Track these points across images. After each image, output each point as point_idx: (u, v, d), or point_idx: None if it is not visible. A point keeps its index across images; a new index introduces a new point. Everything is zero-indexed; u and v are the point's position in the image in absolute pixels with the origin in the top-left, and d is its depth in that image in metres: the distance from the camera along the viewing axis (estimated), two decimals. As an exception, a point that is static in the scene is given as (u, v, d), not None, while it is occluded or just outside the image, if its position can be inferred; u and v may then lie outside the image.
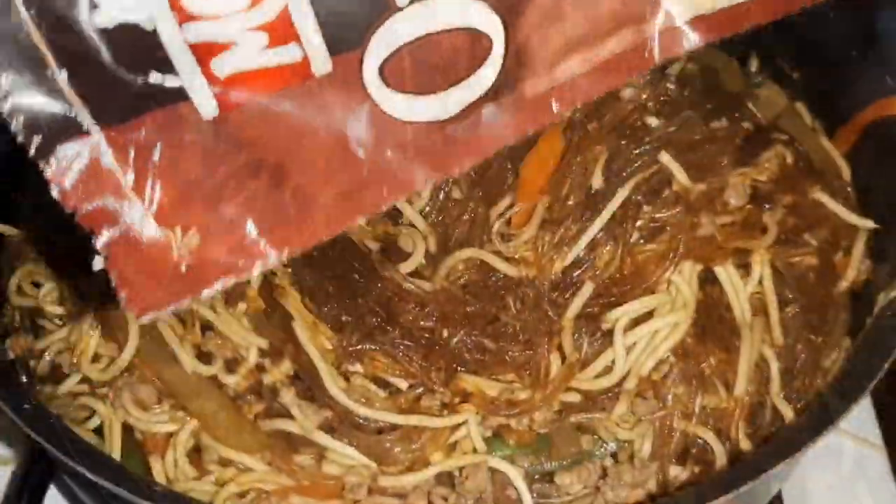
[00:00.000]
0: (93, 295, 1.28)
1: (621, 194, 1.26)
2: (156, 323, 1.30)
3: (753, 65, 1.62)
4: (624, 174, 1.29)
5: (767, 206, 1.31)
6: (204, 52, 0.79)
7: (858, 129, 1.44)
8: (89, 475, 1.08)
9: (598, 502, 1.20)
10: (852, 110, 1.45)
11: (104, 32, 0.75)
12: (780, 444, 1.09)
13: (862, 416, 1.57)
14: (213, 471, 1.24)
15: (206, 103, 0.81)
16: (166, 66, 0.78)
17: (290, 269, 1.32)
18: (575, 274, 1.26)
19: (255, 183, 0.84)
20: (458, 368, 1.23)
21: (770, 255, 1.28)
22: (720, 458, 1.21)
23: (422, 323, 1.25)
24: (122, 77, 0.77)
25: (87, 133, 0.78)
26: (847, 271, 1.34)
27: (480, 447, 1.22)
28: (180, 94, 0.80)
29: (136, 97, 0.79)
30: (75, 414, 1.31)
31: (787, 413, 1.23)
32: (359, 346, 1.24)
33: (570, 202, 1.29)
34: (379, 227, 1.34)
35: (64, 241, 1.24)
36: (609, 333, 1.23)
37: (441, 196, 1.35)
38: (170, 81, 0.79)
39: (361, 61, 0.83)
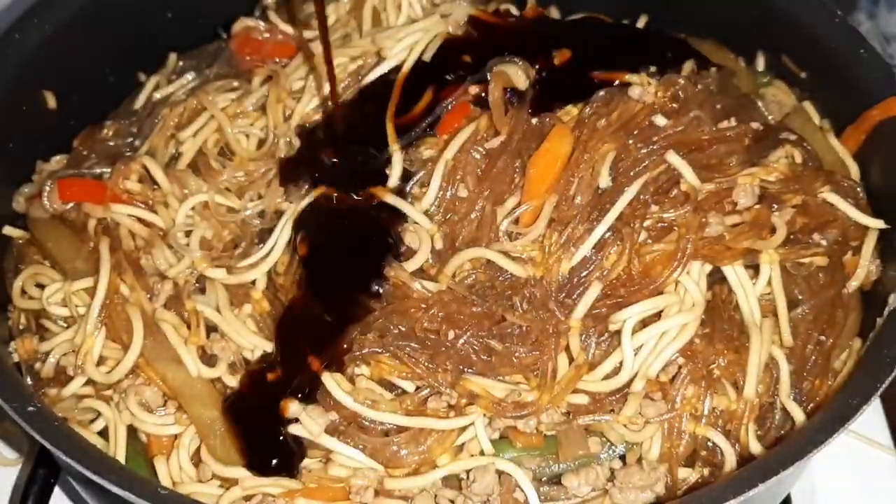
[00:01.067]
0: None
1: (629, 194, 1.25)
2: (160, 325, 1.30)
3: (760, 64, 1.62)
4: (632, 173, 1.28)
5: (776, 206, 1.29)
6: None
7: (867, 128, 1.43)
8: (95, 478, 1.07)
9: (606, 505, 1.20)
10: (860, 109, 1.44)
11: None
12: (791, 446, 1.08)
13: (871, 418, 1.56)
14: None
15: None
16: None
17: (294, 269, 1.31)
18: (582, 274, 1.26)
19: None
20: (465, 370, 1.23)
21: (779, 255, 1.26)
22: (729, 461, 1.20)
23: (426, 324, 1.24)
24: None
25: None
26: (857, 271, 1.33)
27: (488, 449, 1.21)
28: None
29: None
30: (80, 416, 1.31)
31: (798, 415, 1.22)
32: (365, 350, 1.23)
33: (578, 201, 1.28)
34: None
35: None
36: (617, 334, 1.22)
37: (447, 194, 1.34)
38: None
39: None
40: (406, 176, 1.38)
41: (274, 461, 1.20)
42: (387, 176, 1.37)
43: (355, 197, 1.36)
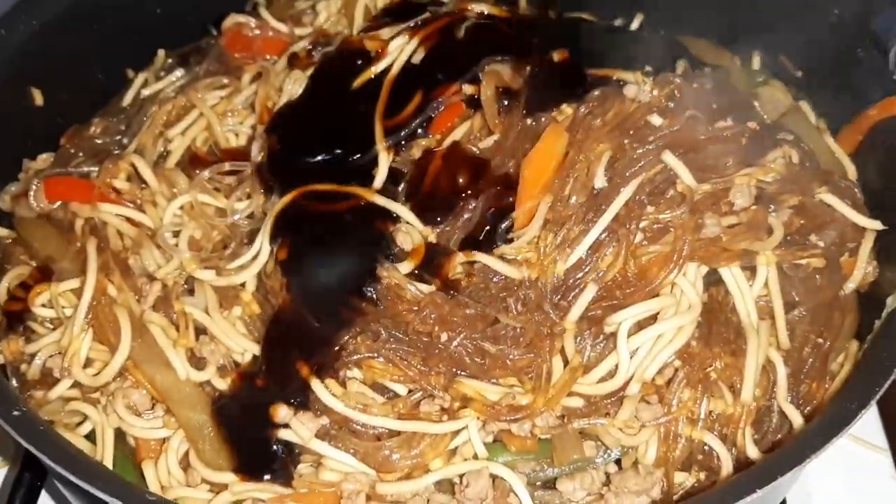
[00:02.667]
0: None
1: (625, 194, 1.23)
2: (148, 326, 1.28)
3: (756, 63, 1.60)
4: (627, 174, 1.26)
5: (773, 206, 1.28)
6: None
7: (864, 128, 1.42)
8: (82, 484, 1.05)
9: (602, 509, 1.18)
10: (857, 109, 1.43)
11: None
12: (790, 451, 1.07)
13: (867, 420, 1.53)
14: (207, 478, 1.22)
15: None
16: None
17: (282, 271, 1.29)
18: (577, 276, 1.24)
19: None
20: (458, 373, 1.21)
21: (776, 256, 1.25)
22: (726, 465, 1.18)
23: (418, 326, 1.22)
24: None
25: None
26: (854, 273, 1.31)
27: (481, 453, 1.19)
28: None
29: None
30: (67, 419, 1.28)
31: (796, 419, 1.20)
32: (356, 356, 1.21)
33: (573, 202, 1.26)
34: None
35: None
36: (612, 337, 1.21)
37: (440, 195, 1.32)
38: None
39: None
40: (396, 176, 1.36)
41: (265, 467, 1.18)
42: (373, 176, 1.35)
43: (339, 198, 1.33)
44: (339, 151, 1.39)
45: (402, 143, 1.39)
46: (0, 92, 1.47)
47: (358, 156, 1.38)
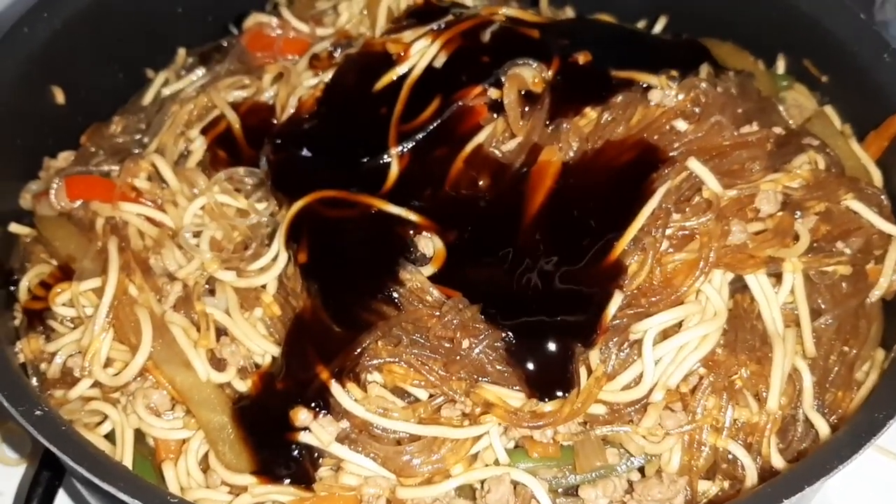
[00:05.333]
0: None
1: (651, 204, 1.22)
2: (169, 327, 1.27)
3: (781, 67, 1.59)
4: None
5: (799, 213, 1.27)
6: None
7: (890, 134, 1.41)
8: (104, 485, 1.05)
9: (625, 517, 1.17)
10: (884, 115, 1.41)
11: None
12: (816, 461, 1.05)
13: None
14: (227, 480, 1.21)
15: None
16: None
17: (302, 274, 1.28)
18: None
19: None
20: (480, 379, 1.20)
21: (803, 263, 1.24)
22: (750, 475, 1.17)
23: (440, 332, 1.21)
24: None
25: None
26: (880, 280, 1.30)
27: (503, 459, 1.18)
28: None
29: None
30: (87, 419, 1.28)
31: (823, 427, 1.19)
32: (376, 361, 1.20)
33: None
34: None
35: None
36: (637, 344, 1.20)
37: (461, 199, 1.32)
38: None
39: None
40: (415, 180, 1.35)
41: (285, 470, 1.17)
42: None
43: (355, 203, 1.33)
44: (353, 155, 1.38)
45: (422, 146, 1.38)
46: (22, 90, 1.47)
47: (373, 160, 1.37)
